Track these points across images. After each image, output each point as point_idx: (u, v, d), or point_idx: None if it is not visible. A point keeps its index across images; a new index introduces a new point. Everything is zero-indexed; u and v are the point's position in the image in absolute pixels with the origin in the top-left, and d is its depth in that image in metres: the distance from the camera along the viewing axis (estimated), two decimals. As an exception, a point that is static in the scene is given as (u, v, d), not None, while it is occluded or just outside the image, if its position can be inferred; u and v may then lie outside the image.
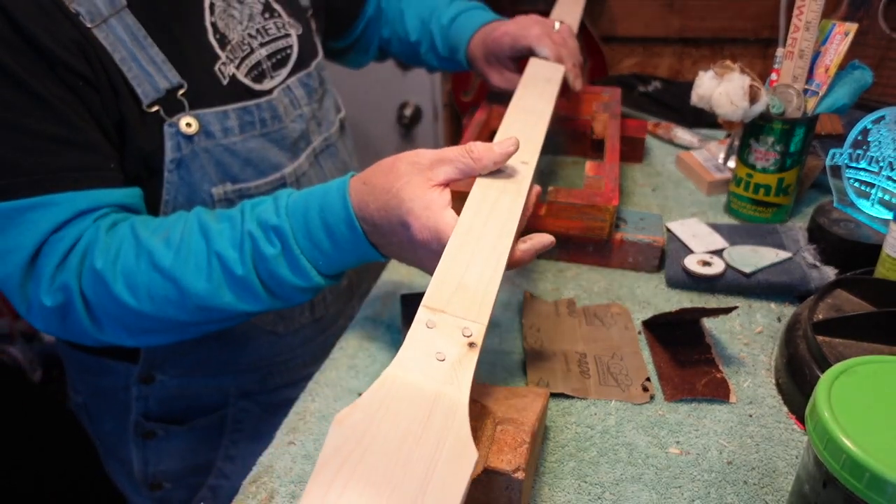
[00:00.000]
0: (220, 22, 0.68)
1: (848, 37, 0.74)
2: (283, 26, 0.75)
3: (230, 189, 0.68)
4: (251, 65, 0.70)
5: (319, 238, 0.55)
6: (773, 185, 0.78)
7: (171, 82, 0.63)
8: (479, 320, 0.42)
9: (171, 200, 0.66)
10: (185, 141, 0.64)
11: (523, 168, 0.57)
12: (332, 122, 0.83)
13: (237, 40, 0.69)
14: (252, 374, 0.79)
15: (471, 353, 0.41)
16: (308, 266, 0.55)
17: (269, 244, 0.55)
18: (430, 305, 0.43)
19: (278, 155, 0.72)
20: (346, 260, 0.56)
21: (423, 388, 0.38)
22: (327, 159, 0.81)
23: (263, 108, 0.70)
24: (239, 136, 0.68)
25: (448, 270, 0.45)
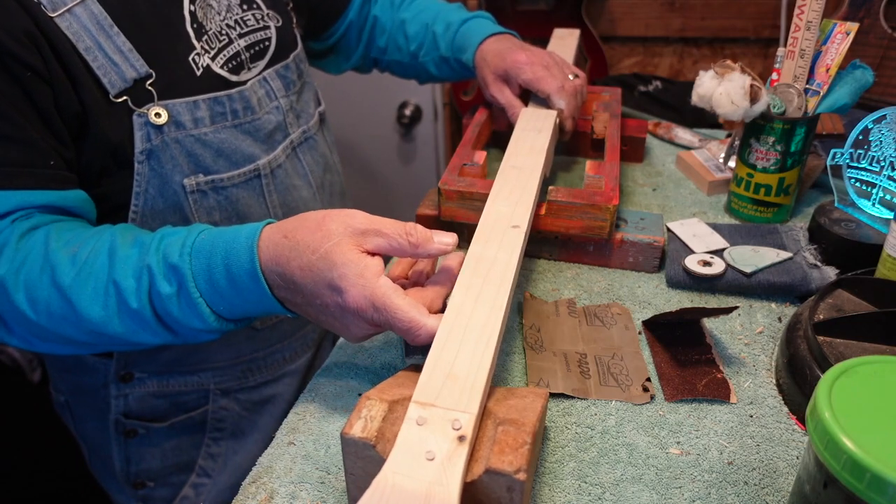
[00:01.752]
0: (199, 11, 0.68)
1: (849, 36, 0.74)
2: (261, 18, 0.75)
3: (203, 180, 0.68)
4: (229, 56, 0.70)
5: (221, 285, 0.52)
6: (773, 185, 0.78)
7: (138, 72, 0.62)
8: (469, 410, 0.43)
9: (143, 192, 0.65)
10: (155, 131, 0.63)
11: (514, 234, 0.58)
12: (311, 115, 0.83)
13: (215, 30, 0.69)
14: (231, 370, 0.79)
15: (460, 448, 0.41)
16: (207, 311, 0.53)
17: (166, 282, 0.53)
18: (419, 401, 0.44)
19: (252, 146, 0.72)
20: (249, 309, 0.54)
21: (413, 492, 0.39)
22: (306, 152, 0.81)
23: (235, 98, 0.70)
24: (210, 126, 0.67)
25: (437, 360, 0.47)
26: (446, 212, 0.75)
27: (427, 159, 1.76)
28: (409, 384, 0.48)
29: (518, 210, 0.62)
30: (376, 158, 1.76)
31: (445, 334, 0.49)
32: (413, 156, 1.76)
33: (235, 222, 0.71)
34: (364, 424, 0.44)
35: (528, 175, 0.67)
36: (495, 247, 0.57)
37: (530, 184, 0.66)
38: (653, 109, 1.49)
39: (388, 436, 0.44)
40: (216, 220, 0.70)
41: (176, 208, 0.67)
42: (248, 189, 0.72)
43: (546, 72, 0.82)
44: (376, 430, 0.44)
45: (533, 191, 0.65)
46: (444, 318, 0.50)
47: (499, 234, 0.58)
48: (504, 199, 0.63)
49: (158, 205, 0.66)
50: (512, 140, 0.75)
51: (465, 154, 0.80)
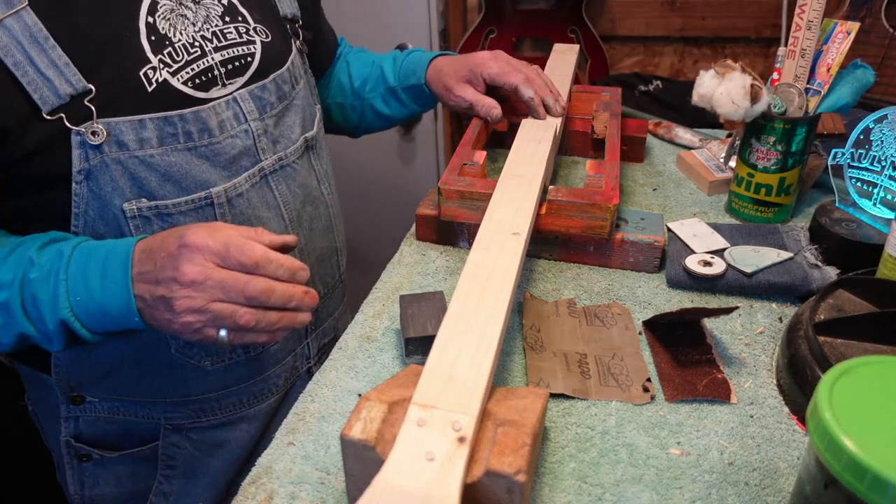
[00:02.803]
0: (163, 22, 0.63)
1: (850, 36, 0.74)
2: (246, 32, 0.70)
3: (145, 206, 0.63)
4: (197, 71, 0.65)
5: (91, 271, 0.56)
6: (774, 185, 0.78)
7: (75, 88, 0.57)
8: (470, 412, 0.43)
9: (82, 214, 0.62)
10: (93, 151, 0.59)
11: (515, 240, 0.58)
12: (292, 141, 0.75)
13: (184, 41, 0.64)
14: (181, 407, 0.74)
15: (461, 449, 0.41)
16: (64, 294, 0.56)
17: (36, 269, 0.56)
18: (420, 402, 0.44)
19: (208, 172, 0.66)
20: (101, 300, 0.56)
21: (413, 493, 0.39)
22: (281, 181, 0.74)
23: (189, 119, 0.64)
24: (157, 148, 0.62)
25: (438, 361, 0.47)
26: (446, 211, 0.75)
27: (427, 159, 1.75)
28: (408, 385, 0.48)
29: (518, 217, 0.62)
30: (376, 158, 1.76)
31: (446, 337, 0.49)
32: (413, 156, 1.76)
33: None
34: (364, 425, 0.44)
35: (529, 184, 0.68)
36: (495, 253, 0.57)
37: (531, 192, 0.66)
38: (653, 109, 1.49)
39: (387, 437, 0.44)
40: None
41: (117, 233, 0.63)
42: (198, 217, 0.66)
43: (509, 66, 0.84)
44: (376, 431, 0.44)
45: (533, 199, 0.65)
46: (445, 321, 0.50)
47: (499, 240, 0.59)
48: (504, 207, 0.64)
49: (99, 228, 0.63)
50: (513, 149, 0.75)
51: (465, 154, 0.80)
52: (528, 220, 0.62)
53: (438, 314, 0.60)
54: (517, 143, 0.77)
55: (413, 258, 0.77)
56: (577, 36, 1.71)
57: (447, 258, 0.77)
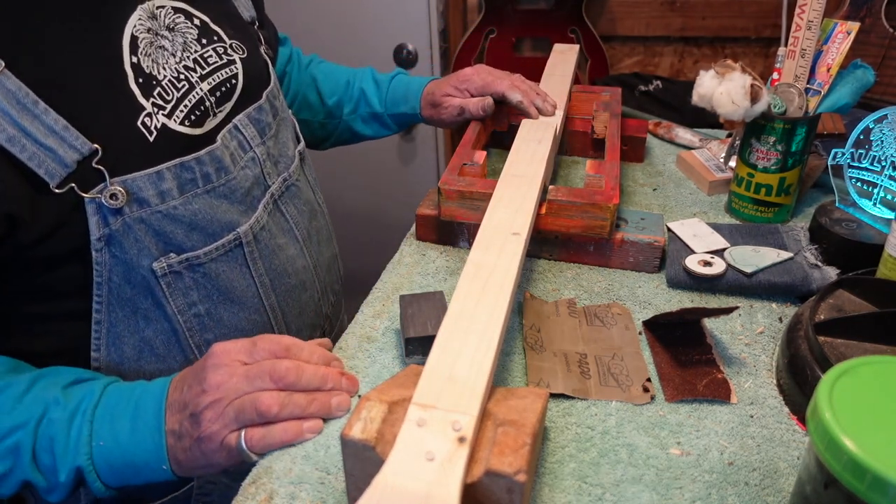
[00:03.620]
0: (146, 59, 0.57)
1: (850, 36, 0.73)
2: (224, 52, 0.65)
3: (175, 261, 0.59)
4: (190, 105, 0.60)
5: (122, 411, 0.52)
6: (774, 185, 0.78)
7: (80, 152, 0.52)
8: (470, 412, 0.43)
9: (105, 282, 0.57)
10: (113, 215, 0.54)
11: (515, 240, 0.58)
12: (291, 159, 0.73)
13: (170, 77, 0.59)
14: None
15: (461, 449, 0.41)
16: (87, 438, 0.51)
17: (61, 407, 0.51)
18: (420, 402, 0.44)
19: (230, 211, 0.63)
20: (128, 443, 0.52)
21: (413, 493, 0.39)
22: (289, 202, 0.72)
23: (205, 161, 0.59)
24: (179, 198, 0.58)
25: (438, 361, 0.47)
26: (446, 212, 0.75)
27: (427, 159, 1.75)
28: (408, 385, 0.48)
29: (518, 217, 0.62)
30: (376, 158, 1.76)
31: (446, 337, 0.49)
32: (413, 156, 1.76)
33: (217, 300, 0.64)
34: (364, 426, 0.44)
35: (529, 183, 0.68)
36: (495, 253, 0.57)
37: (531, 192, 0.66)
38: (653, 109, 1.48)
39: (387, 437, 0.44)
40: (194, 301, 0.62)
41: (146, 293, 0.59)
42: (230, 262, 0.63)
43: (492, 76, 0.87)
44: (376, 431, 0.44)
45: (533, 199, 0.65)
46: (445, 321, 0.50)
47: (499, 240, 0.59)
48: (504, 207, 0.64)
49: (126, 292, 0.58)
50: (513, 150, 0.75)
51: (465, 154, 0.80)
52: (528, 220, 0.62)
53: (438, 314, 0.60)
54: (517, 143, 0.77)
55: (413, 258, 0.77)
56: (577, 36, 1.71)
57: (447, 258, 0.77)
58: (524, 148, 0.75)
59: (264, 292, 0.68)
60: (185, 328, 0.62)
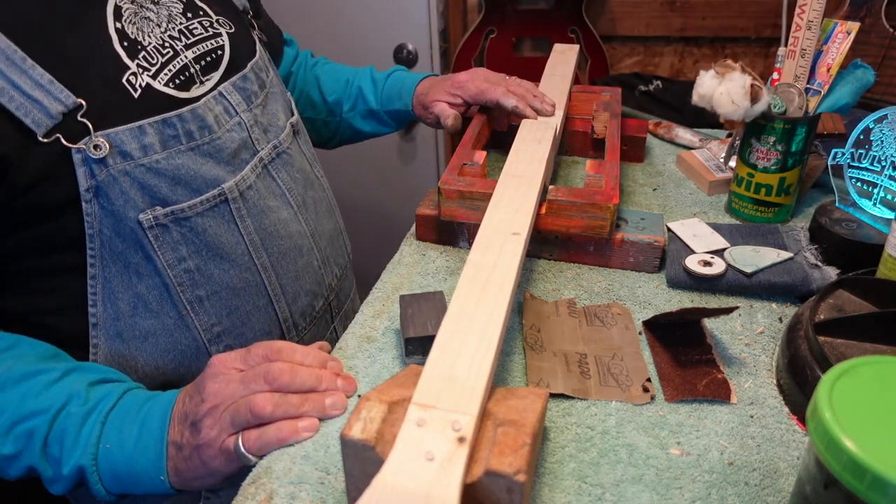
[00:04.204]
0: (131, 27, 0.61)
1: (850, 36, 0.73)
2: (210, 25, 0.69)
3: (161, 213, 0.61)
4: (175, 70, 0.63)
5: (131, 418, 0.54)
6: (774, 185, 0.78)
7: (65, 104, 0.55)
8: (469, 412, 0.43)
9: (97, 234, 0.60)
10: (98, 165, 0.57)
11: (515, 240, 0.58)
12: (281, 128, 0.76)
13: (155, 44, 0.63)
14: None
15: (460, 450, 0.41)
16: (95, 439, 0.54)
17: (80, 403, 0.54)
18: (420, 402, 0.44)
19: (214, 169, 0.65)
20: (132, 451, 0.54)
21: (413, 493, 0.39)
22: (280, 168, 0.75)
23: (188, 118, 0.63)
24: (162, 152, 0.61)
25: (437, 361, 0.47)
26: (446, 211, 0.75)
27: (427, 159, 1.75)
28: (408, 385, 0.48)
29: (518, 217, 0.62)
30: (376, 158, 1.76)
31: (446, 337, 0.49)
32: (413, 156, 1.76)
33: (206, 256, 0.66)
34: (363, 425, 0.44)
35: (529, 183, 0.68)
36: (495, 253, 0.57)
37: (531, 192, 0.66)
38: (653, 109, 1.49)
39: (387, 437, 0.44)
40: (183, 256, 0.64)
41: (136, 247, 0.62)
42: (216, 217, 0.66)
43: (487, 83, 0.87)
44: (375, 431, 0.44)
45: (533, 199, 0.65)
46: (445, 321, 0.50)
47: (499, 240, 0.59)
48: (504, 207, 0.64)
49: (117, 246, 0.61)
50: (513, 150, 0.75)
51: (465, 154, 0.80)
52: (528, 220, 0.62)
53: (438, 314, 0.60)
54: (517, 143, 0.77)
55: (413, 258, 0.77)
56: (577, 36, 1.71)
57: (447, 258, 0.77)
58: (524, 148, 0.75)
59: (255, 251, 0.70)
60: (175, 283, 0.64)
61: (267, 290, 0.72)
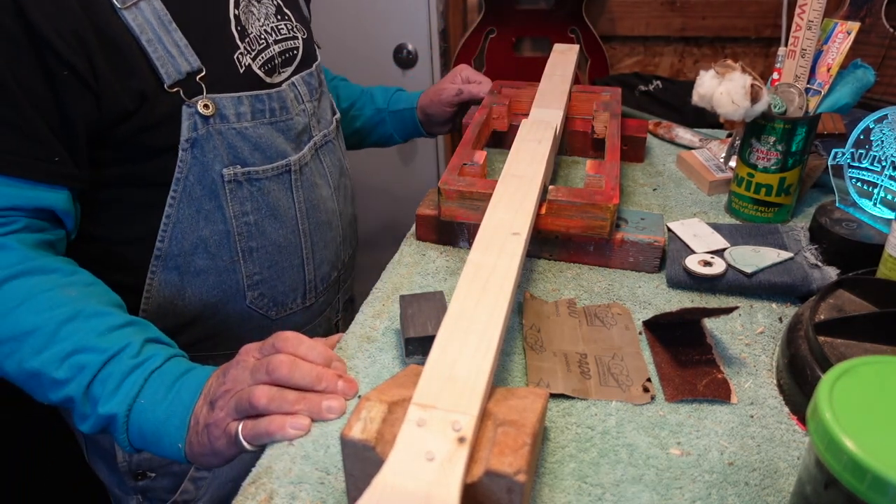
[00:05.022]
0: (244, 15, 0.73)
1: (850, 36, 0.73)
2: (292, 28, 0.81)
3: (239, 171, 0.72)
4: (266, 58, 0.75)
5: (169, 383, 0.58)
6: (774, 185, 0.78)
7: (192, 66, 0.67)
8: (469, 412, 0.43)
9: (183, 178, 0.69)
10: (202, 121, 0.68)
11: (515, 240, 0.58)
12: (329, 121, 0.88)
13: (255, 34, 0.74)
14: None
15: (460, 450, 0.41)
16: (134, 392, 0.57)
17: (132, 355, 0.58)
18: (420, 402, 0.44)
19: (284, 143, 0.76)
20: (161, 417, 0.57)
21: (413, 493, 0.39)
22: (326, 154, 0.86)
23: (274, 98, 0.74)
24: (250, 121, 0.72)
25: (438, 361, 0.47)
26: (446, 211, 0.75)
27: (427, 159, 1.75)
28: (408, 385, 0.48)
29: (518, 217, 0.62)
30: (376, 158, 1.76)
31: (446, 337, 0.49)
32: (413, 156, 1.76)
33: (265, 214, 0.76)
34: (363, 426, 0.44)
35: (529, 184, 0.68)
36: (495, 254, 0.57)
37: (531, 192, 0.66)
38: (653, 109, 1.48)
39: (387, 437, 0.44)
40: (247, 210, 0.74)
41: (212, 196, 0.71)
42: (279, 183, 0.76)
43: (467, 85, 1.02)
44: (376, 431, 0.44)
45: (533, 199, 0.65)
46: (445, 321, 0.50)
47: (499, 241, 0.59)
48: (504, 207, 0.64)
49: (196, 192, 0.70)
50: (513, 150, 0.75)
51: (465, 154, 0.80)
52: (528, 220, 0.62)
53: (438, 314, 0.60)
54: (517, 143, 0.77)
55: (413, 258, 0.77)
56: (577, 36, 1.71)
57: (447, 258, 0.77)
58: (524, 148, 0.75)
59: (300, 217, 0.81)
60: (236, 232, 0.74)
61: (302, 252, 0.82)
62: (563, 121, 0.86)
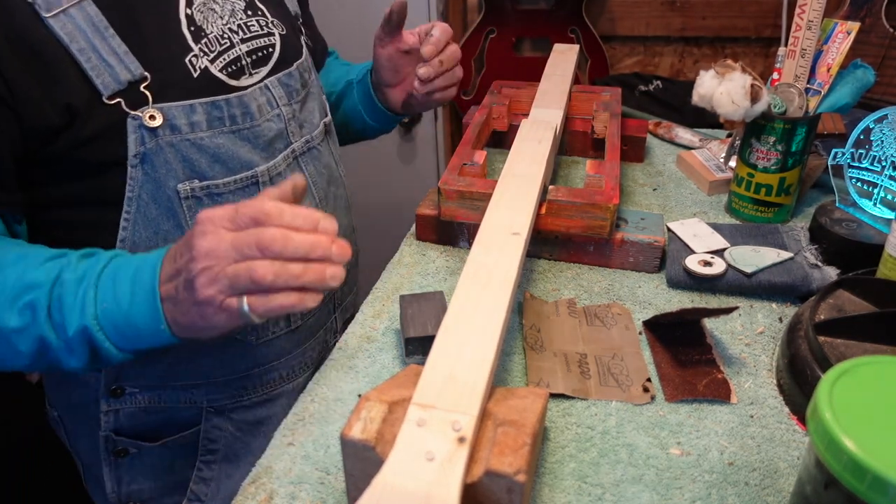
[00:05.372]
0: (198, 14, 0.67)
1: (850, 36, 0.73)
2: (266, 25, 0.75)
3: (197, 186, 0.66)
4: (229, 60, 0.69)
5: (122, 278, 0.55)
6: (774, 185, 0.78)
7: (133, 74, 0.61)
8: (469, 412, 0.43)
9: (135, 198, 0.64)
10: (149, 134, 0.62)
11: (515, 240, 0.58)
12: (315, 125, 0.81)
13: (216, 34, 0.68)
14: (225, 387, 0.75)
15: (460, 449, 0.41)
16: (92, 300, 0.55)
17: (71, 270, 0.56)
18: (420, 402, 0.44)
19: (250, 153, 0.70)
20: (129, 308, 0.55)
21: (413, 493, 0.39)
22: (309, 162, 0.79)
23: (234, 103, 0.68)
24: (207, 131, 0.66)
25: (438, 362, 0.47)
26: (446, 211, 0.75)
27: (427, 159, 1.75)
28: (408, 385, 0.48)
29: (518, 217, 0.62)
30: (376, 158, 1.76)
31: (446, 337, 0.49)
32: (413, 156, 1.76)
33: None
34: (363, 426, 0.44)
35: (529, 184, 0.68)
36: (496, 253, 0.57)
37: (531, 192, 0.66)
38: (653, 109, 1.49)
39: (387, 437, 0.44)
40: None
41: (169, 215, 0.66)
42: (245, 196, 0.69)
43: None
44: (376, 431, 0.44)
45: (533, 199, 0.65)
46: (445, 321, 0.50)
47: (499, 240, 0.59)
48: (505, 207, 0.64)
49: (151, 211, 0.65)
50: (513, 150, 0.75)
51: (465, 154, 0.80)
52: (528, 220, 0.62)
53: (438, 314, 0.60)
54: (517, 143, 0.77)
55: (413, 258, 0.77)
56: (577, 36, 1.71)
57: (447, 258, 0.77)
58: (524, 148, 0.75)
59: None
60: None
61: None
62: (563, 121, 0.86)
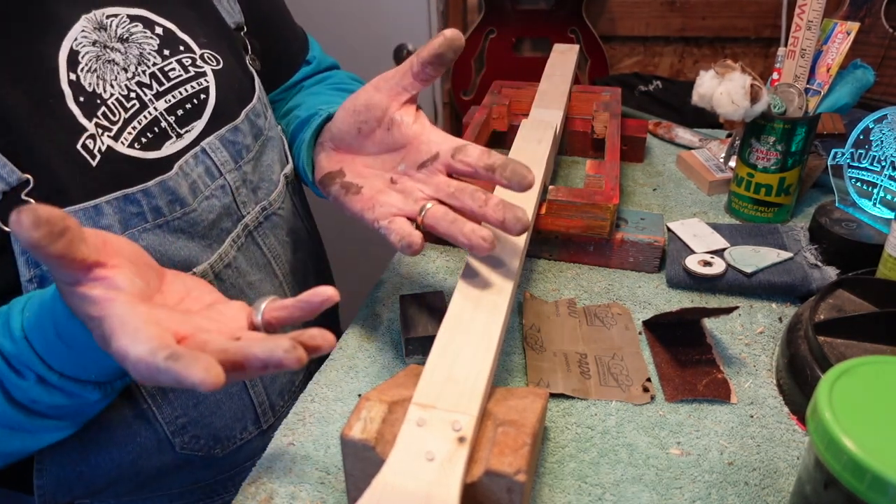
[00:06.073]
0: (88, 77, 0.51)
1: (850, 36, 0.73)
2: (192, 64, 0.58)
3: None
4: (141, 127, 0.53)
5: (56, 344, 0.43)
6: (774, 185, 0.78)
7: (7, 181, 0.46)
8: (469, 412, 0.43)
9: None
10: None
11: (514, 240, 0.58)
12: (274, 183, 0.65)
13: (117, 96, 0.52)
14: (190, 494, 0.65)
15: (461, 449, 0.41)
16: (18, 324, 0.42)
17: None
18: (420, 402, 0.44)
19: (186, 247, 0.55)
20: (81, 356, 0.43)
21: (413, 493, 0.39)
22: (268, 234, 0.65)
23: (154, 192, 0.52)
24: (122, 234, 0.50)
25: (438, 361, 0.47)
26: (446, 212, 0.75)
27: (427, 159, 1.75)
28: (408, 385, 0.48)
29: None
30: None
31: (446, 337, 0.49)
32: (413, 156, 1.76)
33: None
34: (363, 425, 0.44)
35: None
36: (496, 253, 0.57)
37: (531, 192, 0.66)
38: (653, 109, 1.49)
39: (387, 437, 0.44)
40: None
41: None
42: None
43: None
44: (376, 431, 0.44)
45: (533, 200, 0.65)
46: (445, 321, 0.50)
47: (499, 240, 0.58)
48: None
49: None
50: (513, 150, 0.75)
51: (465, 154, 0.80)
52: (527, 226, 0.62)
53: (438, 314, 0.60)
54: (517, 143, 0.77)
55: (413, 258, 0.77)
56: (577, 36, 1.71)
57: (447, 258, 0.77)
58: (524, 148, 0.75)
59: None
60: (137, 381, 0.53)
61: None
62: (563, 121, 0.86)
